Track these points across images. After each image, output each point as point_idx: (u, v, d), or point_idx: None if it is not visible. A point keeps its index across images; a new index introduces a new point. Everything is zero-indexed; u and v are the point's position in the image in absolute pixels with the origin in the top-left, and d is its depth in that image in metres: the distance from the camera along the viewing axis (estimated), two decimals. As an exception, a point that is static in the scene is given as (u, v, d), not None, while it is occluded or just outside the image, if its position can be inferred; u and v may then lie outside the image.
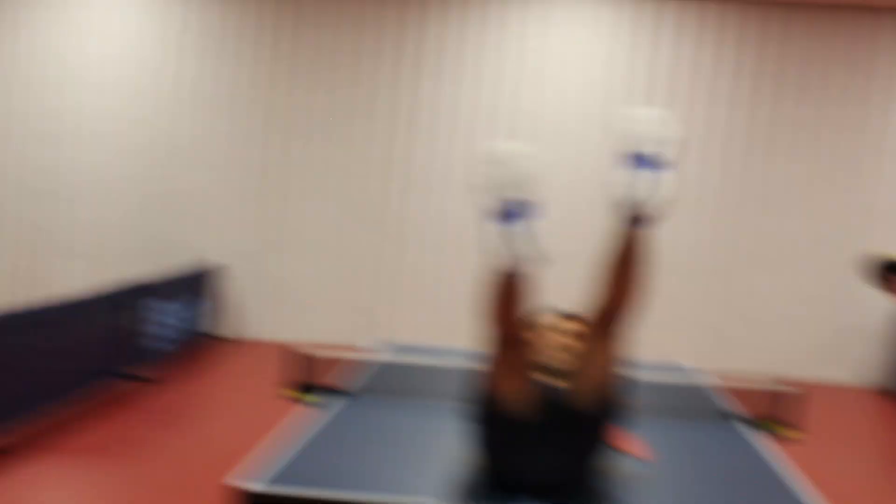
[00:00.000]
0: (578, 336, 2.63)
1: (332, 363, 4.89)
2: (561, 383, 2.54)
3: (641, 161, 2.37)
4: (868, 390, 8.39)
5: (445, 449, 3.03)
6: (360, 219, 8.77)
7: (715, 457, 3.15)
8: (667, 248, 8.57)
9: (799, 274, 8.53)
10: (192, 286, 8.03)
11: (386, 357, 4.16)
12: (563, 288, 4.54)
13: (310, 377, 3.77)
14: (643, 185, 2.35)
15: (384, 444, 3.05)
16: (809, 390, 8.11)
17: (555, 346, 2.63)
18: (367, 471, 2.78)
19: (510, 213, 2.32)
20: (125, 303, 6.48)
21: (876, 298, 8.43)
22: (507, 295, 2.42)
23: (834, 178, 8.47)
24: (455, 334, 8.73)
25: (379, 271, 8.80)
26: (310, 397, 3.59)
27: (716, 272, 8.58)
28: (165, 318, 7.28)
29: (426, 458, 2.93)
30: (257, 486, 2.58)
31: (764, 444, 3.35)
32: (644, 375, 3.98)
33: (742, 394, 4.77)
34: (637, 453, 2.70)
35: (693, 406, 3.85)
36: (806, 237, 8.50)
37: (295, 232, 8.82)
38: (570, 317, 2.74)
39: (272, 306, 8.88)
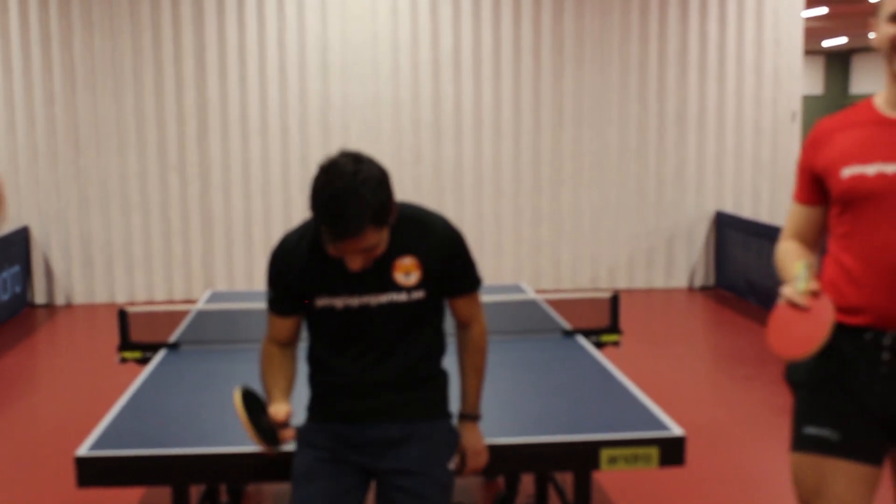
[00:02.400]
0: None
1: (155, 318, 4.78)
2: None
3: None
4: (690, 291, 8.88)
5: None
6: (180, 168, 8.47)
7: (542, 367, 3.28)
8: (488, 171, 8.73)
9: (612, 185, 8.85)
10: (3, 252, 7.63)
11: (204, 306, 4.10)
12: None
13: (134, 335, 3.67)
14: None
15: (202, 393, 3.03)
16: (633, 296, 8.53)
17: None
18: (187, 421, 2.76)
19: None
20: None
21: (688, 203, 8.89)
22: None
23: (628, 88, 8.78)
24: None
25: (210, 220, 8.57)
26: (132, 354, 3.50)
27: (537, 191, 8.78)
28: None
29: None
30: (83, 453, 2.53)
31: (589, 352, 3.50)
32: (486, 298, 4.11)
33: (566, 305, 4.97)
34: None
35: (526, 323, 3.98)
36: (612, 148, 8.80)
37: (112, 189, 8.44)
38: None
39: (99, 269, 8.52)
